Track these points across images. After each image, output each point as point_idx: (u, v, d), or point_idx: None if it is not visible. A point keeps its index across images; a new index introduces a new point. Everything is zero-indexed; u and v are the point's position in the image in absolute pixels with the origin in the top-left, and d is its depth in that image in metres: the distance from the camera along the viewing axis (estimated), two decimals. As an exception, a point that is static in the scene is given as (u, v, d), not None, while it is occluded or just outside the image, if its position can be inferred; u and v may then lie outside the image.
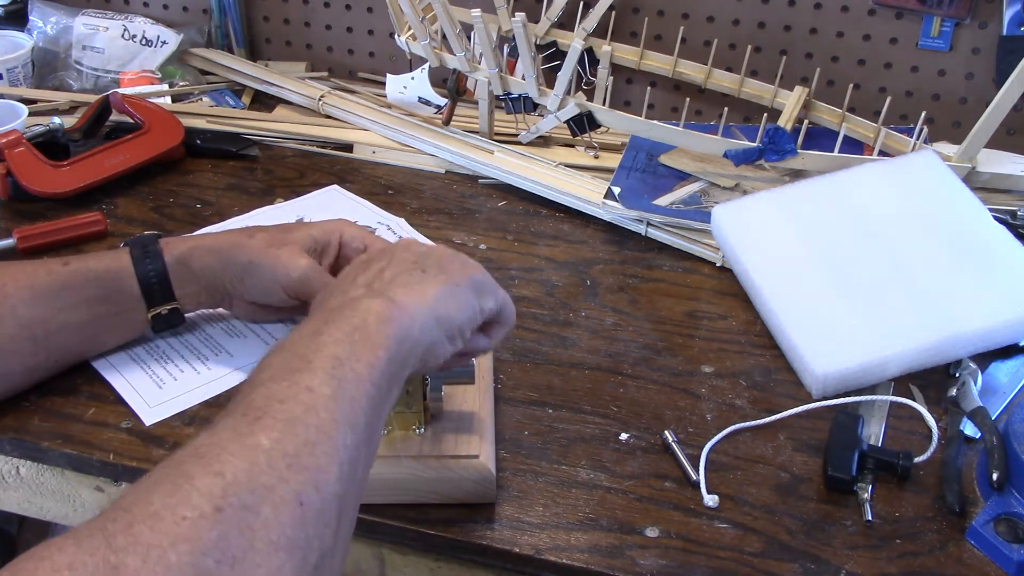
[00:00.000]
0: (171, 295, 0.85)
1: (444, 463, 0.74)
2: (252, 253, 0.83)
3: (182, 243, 0.86)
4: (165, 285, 0.84)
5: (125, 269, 0.83)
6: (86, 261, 0.84)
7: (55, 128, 1.16)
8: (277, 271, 0.83)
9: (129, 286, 0.83)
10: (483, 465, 0.75)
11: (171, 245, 0.85)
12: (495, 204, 1.17)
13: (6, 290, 0.80)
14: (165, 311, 0.86)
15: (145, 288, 0.84)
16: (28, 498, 0.89)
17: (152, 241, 0.85)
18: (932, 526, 0.76)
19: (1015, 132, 1.21)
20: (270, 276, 0.83)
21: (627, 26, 1.30)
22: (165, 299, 0.85)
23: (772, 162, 1.11)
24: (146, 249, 0.84)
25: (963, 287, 0.93)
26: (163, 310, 0.86)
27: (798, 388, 0.90)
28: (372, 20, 1.41)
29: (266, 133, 1.29)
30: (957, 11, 1.18)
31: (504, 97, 1.21)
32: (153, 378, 0.87)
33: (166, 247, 0.85)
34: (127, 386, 0.86)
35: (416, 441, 0.76)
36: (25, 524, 1.55)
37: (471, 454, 0.75)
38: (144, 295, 0.84)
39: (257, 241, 0.84)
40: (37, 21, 1.41)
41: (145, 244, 0.84)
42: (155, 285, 0.84)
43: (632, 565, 0.72)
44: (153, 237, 0.85)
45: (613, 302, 1.00)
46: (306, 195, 1.16)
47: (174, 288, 0.85)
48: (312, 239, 0.86)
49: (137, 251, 0.84)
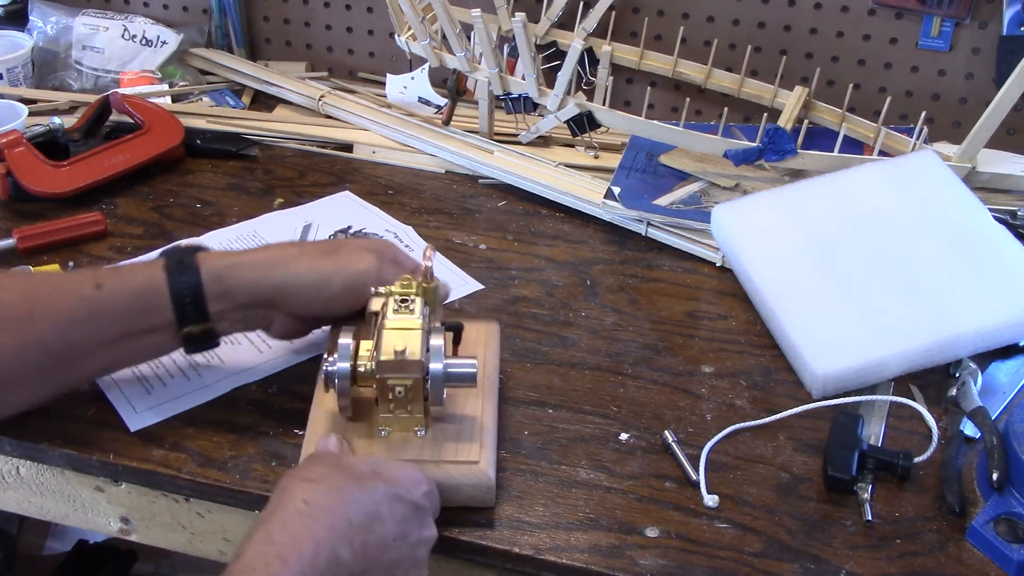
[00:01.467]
0: (205, 314, 0.78)
1: (443, 468, 0.74)
2: (311, 261, 0.80)
3: (222, 258, 0.80)
4: (199, 304, 0.78)
5: (159, 286, 0.77)
6: (120, 280, 0.78)
7: (55, 128, 1.16)
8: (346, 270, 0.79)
9: (162, 303, 0.77)
10: (483, 472, 0.74)
11: (209, 260, 0.79)
12: (495, 204, 1.17)
13: (34, 317, 0.75)
14: (197, 331, 0.79)
15: (178, 305, 0.77)
16: (28, 498, 0.89)
17: (189, 254, 0.79)
18: (932, 526, 0.76)
19: (1015, 132, 1.21)
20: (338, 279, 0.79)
21: (627, 26, 1.30)
22: (199, 318, 0.78)
23: (772, 162, 1.11)
24: (181, 262, 0.78)
25: (963, 287, 0.93)
26: (195, 329, 0.79)
27: (798, 388, 0.90)
28: (372, 20, 1.41)
29: (266, 133, 1.29)
30: (957, 11, 1.18)
31: (504, 97, 1.21)
32: (143, 383, 0.87)
33: (203, 261, 0.78)
34: (115, 389, 0.86)
35: (416, 444, 0.75)
36: (25, 524, 1.55)
37: (470, 460, 0.75)
38: (176, 312, 0.78)
39: (312, 250, 0.82)
40: (37, 21, 1.41)
41: (181, 257, 0.79)
42: (188, 302, 0.77)
43: (632, 565, 0.72)
44: (191, 250, 0.80)
45: (613, 302, 1.00)
46: (316, 199, 1.16)
47: (208, 305, 0.78)
48: (369, 244, 0.84)
49: (172, 264, 0.78)
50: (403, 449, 0.75)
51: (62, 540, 1.59)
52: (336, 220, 1.11)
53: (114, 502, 0.86)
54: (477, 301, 1.00)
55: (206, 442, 0.81)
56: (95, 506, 0.87)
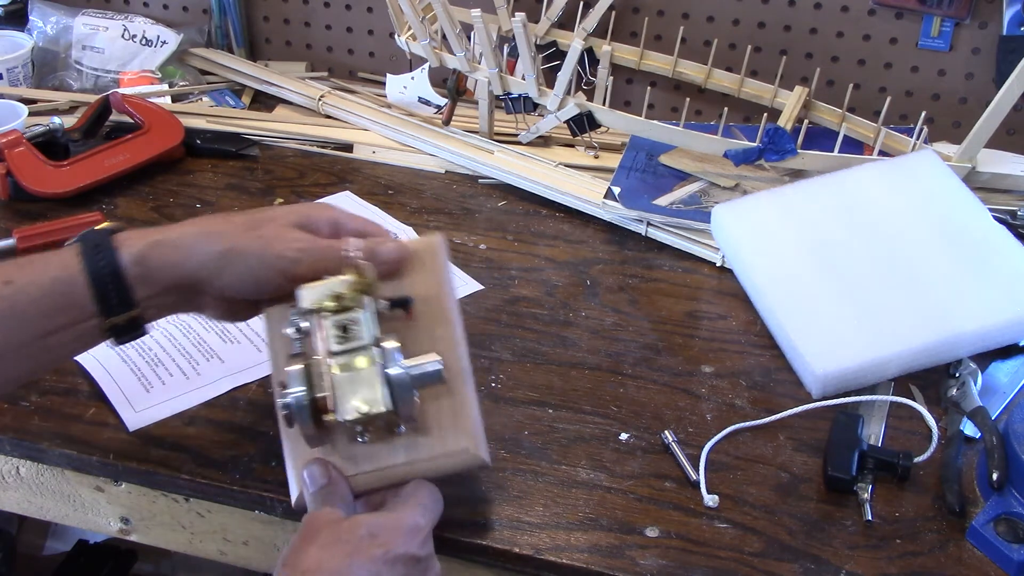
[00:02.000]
0: (130, 300, 0.71)
1: (436, 462, 0.71)
2: (232, 239, 0.72)
3: (142, 238, 0.72)
4: (122, 288, 0.70)
5: (76, 275, 0.70)
6: (31, 273, 0.71)
7: (55, 128, 1.16)
8: (267, 252, 0.71)
9: (81, 293, 0.70)
10: (475, 456, 0.71)
11: (129, 241, 0.71)
12: (495, 204, 1.17)
13: None
14: (123, 320, 0.71)
15: (99, 292, 0.70)
16: (28, 498, 0.89)
17: (106, 237, 0.71)
18: (932, 526, 0.76)
19: (1015, 132, 1.21)
20: (257, 261, 0.71)
21: (627, 26, 1.30)
22: (123, 305, 0.71)
23: (772, 162, 1.11)
24: (99, 246, 0.71)
25: (963, 287, 0.93)
26: (121, 319, 0.71)
27: (798, 388, 0.90)
28: (372, 20, 1.41)
29: (266, 133, 1.29)
30: (957, 11, 1.18)
31: (504, 97, 1.21)
32: (142, 380, 0.87)
33: (123, 243, 0.71)
34: (115, 388, 0.86)
35: (401, 443, 0.71)
36: (25, 524, 1.55)
37: (460, 448, 0.71)
38: (98, 301, 0.70)
39: (235, 226, 0.73)
40: (37, 21, 1.41)
41: (98, 241, 0.71)
42: (111, 288, 0.70)
43: (632, 565, 0.72)
44: (107, 232, 0.72)
45: (613, 302, 1.00)
46: (316, 200, 1.15)
47: (134, 291, 0.71)
48: (299, 215, 0.75)
49: (89, 248, 0.71)
50: (388, 453, 0.71)
51: (62, 540, 1.59)
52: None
53: (114, 502, 0.86)
54: (477, 301, 1.00)
55: (206, 442, 0.81)
56: (95, 506, 0.87)
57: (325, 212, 0.76)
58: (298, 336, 0.70)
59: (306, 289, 0.69)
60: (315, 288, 0.69)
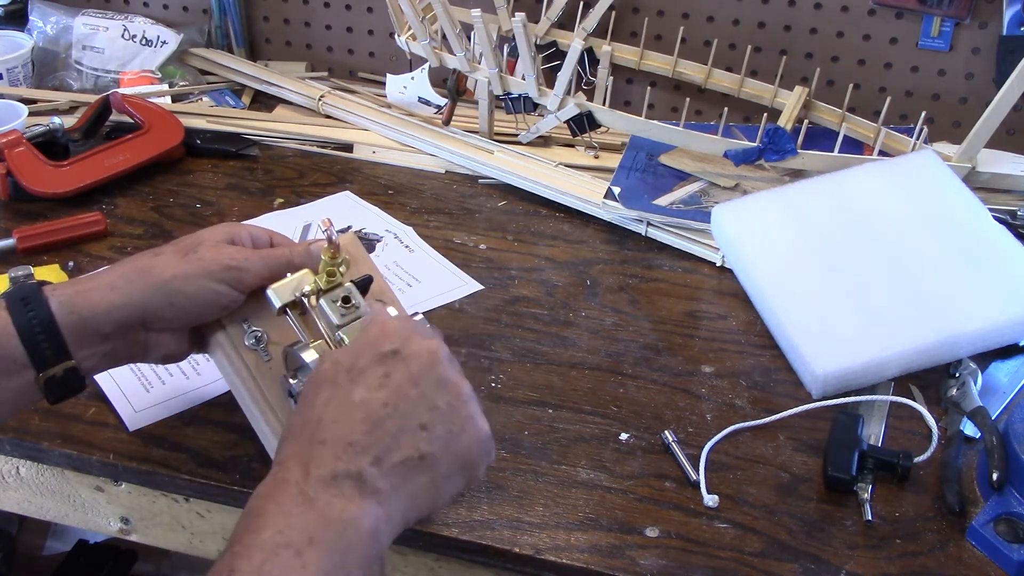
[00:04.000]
0: (64, 351, 0.69)
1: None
2: (171, 267, 0.72)
3: (72, 286, 0.71)
4: (55, 338, 0.68)
5: (4, 328, 0.68)
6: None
7: (55, 128, 1.16)
8: (212, 268, 0.72)
9: (12, 346, 0.67)
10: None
11: (59, 290, 0.70)
12: (495, 204, 1.17)
13: None
14: (60, 372, 0.69)
15: (29, 343, 0.68)
16: (28, 498, 0.89)
17: (34, 290, 0.69)
18: (932, 526, 0.76)
19: (1015, 132, 1.21)
20: (205, 278, 0.72)
21: (627, 26, 1.30)
22: (57, 356, 0.69)
23: (772, 162, 1.11)
24: (26, 299, 0.68)
25: (963, 287, 0.93)
26: (57, 371, 0.69)
27: (798, 388, 0.90)
28: (372, 20, 1.41)
29: (266, 133, 1.29)
30: (957, 11, 1.18)
31: (504, 97, 1.21)
32: (142, 380, 0.87)
33: (53, 293, 0.69)
34: (115, 387, 0.86)
35: None
36: (25, 524, 1.55)
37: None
38: (30, 353, 0.68)
39: (168, 256, 0.73)
40: (37, 21, 1.41)
41: (25, 295, 0.69)
42: (42, 340, 0.68)
43: (632, 565, 0.72)
44: (36, 285, 0.70)
45: (613, 302, 1.00)
46: (316, 200, 1.16)
47: (68, 342, 0.69)
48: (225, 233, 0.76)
49: (15, 303, 0.68)
50: None
51: (62, 540, 1.59)
52: (336, 220, 1.09)
53: (114, 502, 0.86)
54: (477, 301, 1.00)
55: (206, 442, 0.81)
56: (95, 506, 0.87)
57: (244, 228, 0.78)
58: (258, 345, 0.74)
59: (273, 288, 0.72)
60: (284, 284, 0.72)
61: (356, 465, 0.57)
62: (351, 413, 0.59)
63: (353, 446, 0.58)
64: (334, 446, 0.58)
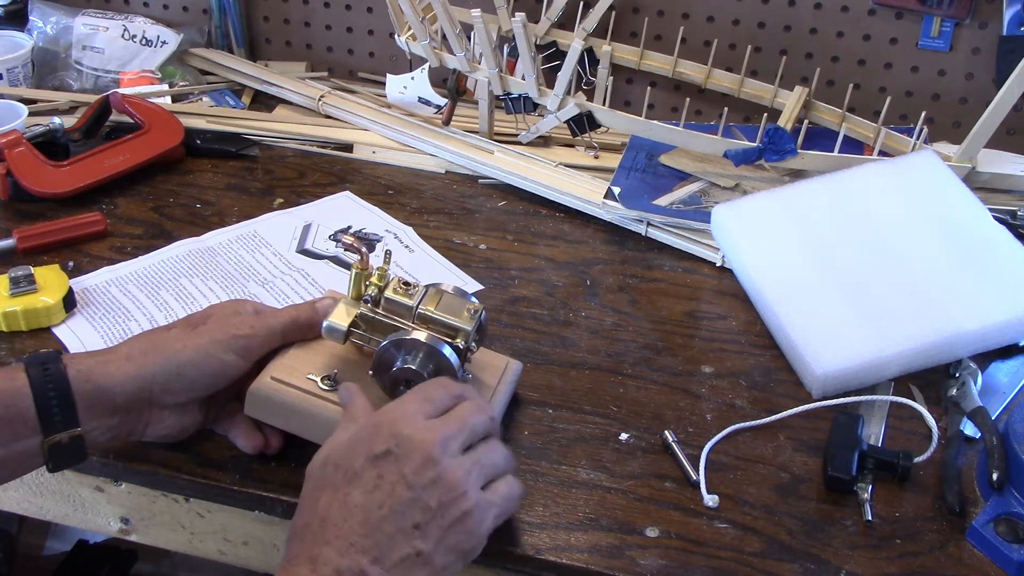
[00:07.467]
0: (74, 418, 0.70)
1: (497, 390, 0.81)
2: (181, 340, 0.74)
3: (89, 357, 0.73)
4: (67, 404, 0.70)
5: (20, 389, 0.69)
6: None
7: (55, 128, 1.16)
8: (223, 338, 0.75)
9: (25, 408, 0.69)
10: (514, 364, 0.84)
11: (77, 359, 0.72)
12: (495, 204, 1.17)
13: None
14: (66, 439, 0.70)
15: (43, 407, 0.69)
16: (28, 498, 0.89)
17: (53, 357, 0.71)
18: (932, 526, 0.76)
19: (1015, 132, 1.21)
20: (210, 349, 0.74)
21: (627, 26, 1.30)
22: (66, 423, 0.70)
23: (772, 162, 1.11)
24: (45, 363, 0.70)
25: (963, 287, 0.93)
26: (63, 438, 0.70)
27: (798, 388, 0.90)
28: (372, 20, 1.42)
29: (266, 133, 1.29)
30: (957, 11, 1.18)
31: (504, 97, 1.21)
32: None
33: (70, 362, 0.71)
34: None
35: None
36: (25, 524, 1.55)
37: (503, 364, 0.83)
38: (40, 419, 0.69)
39: (177, 331, 0.76)
40: (37, 21, 1.41)
41: (44, 359, 0.71)
42: (55, 405, 0.69)
43: (632, 565, 0.72)
44: (55, 353, 0.72)
45: (613, 302, 1.00)
46: (317, 200, 1.16)
47: (79, 410, 0.70)
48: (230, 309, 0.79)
49: (35, 368, 0.70)
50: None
51: (62, 540, 1.59)
52: (336, 220, 1.11)
53: (114, 502, 0.86)
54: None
55: (206, 442, 0.81)
56: (95, 506, 0.87)
57: (249, 303, 0.81)
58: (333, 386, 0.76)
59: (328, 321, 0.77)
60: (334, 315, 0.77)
61: (358, 563, 0.61)
62: (350, 516, 0.63)
63: (354, 546, 0.62)
64: (337, 546, 0.62)
